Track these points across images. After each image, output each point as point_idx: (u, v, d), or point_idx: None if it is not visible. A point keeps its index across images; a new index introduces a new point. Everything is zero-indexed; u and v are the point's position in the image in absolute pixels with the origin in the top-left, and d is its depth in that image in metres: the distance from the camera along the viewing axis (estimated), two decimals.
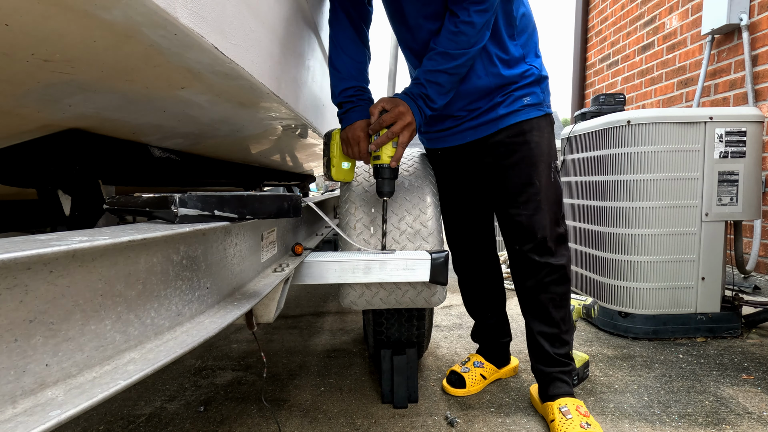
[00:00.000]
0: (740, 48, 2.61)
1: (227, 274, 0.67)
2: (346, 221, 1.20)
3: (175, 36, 0.54)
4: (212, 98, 0.81)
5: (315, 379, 1.57)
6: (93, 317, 0.41)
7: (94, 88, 0.63)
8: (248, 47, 0.73)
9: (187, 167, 1.22)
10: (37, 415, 0.33)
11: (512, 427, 1.25)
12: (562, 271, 1.24)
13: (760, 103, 2.48)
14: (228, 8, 0.65)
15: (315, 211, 1.14)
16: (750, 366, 1.60)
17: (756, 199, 1.83)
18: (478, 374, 1.46)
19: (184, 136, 1.03)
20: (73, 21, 0.45)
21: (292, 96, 1.06)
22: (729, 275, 2.45)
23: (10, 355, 0.33)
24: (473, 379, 1.44)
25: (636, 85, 3.70)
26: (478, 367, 1.48)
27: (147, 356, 0.45)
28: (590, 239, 2.08)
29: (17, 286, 0.34)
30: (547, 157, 1.22)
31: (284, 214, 0.71)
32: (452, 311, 2.33)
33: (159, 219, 0.62)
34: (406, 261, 1.06)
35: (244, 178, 1.81)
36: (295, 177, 2.72)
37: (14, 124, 0.67)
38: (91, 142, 0.81)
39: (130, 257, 0.46)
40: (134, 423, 1.32)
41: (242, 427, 1.28)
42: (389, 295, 1.17)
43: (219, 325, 0.56)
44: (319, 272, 1.05)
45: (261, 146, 1.46)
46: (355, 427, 1.26)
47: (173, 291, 0.53)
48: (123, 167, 0.94)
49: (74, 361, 0.39)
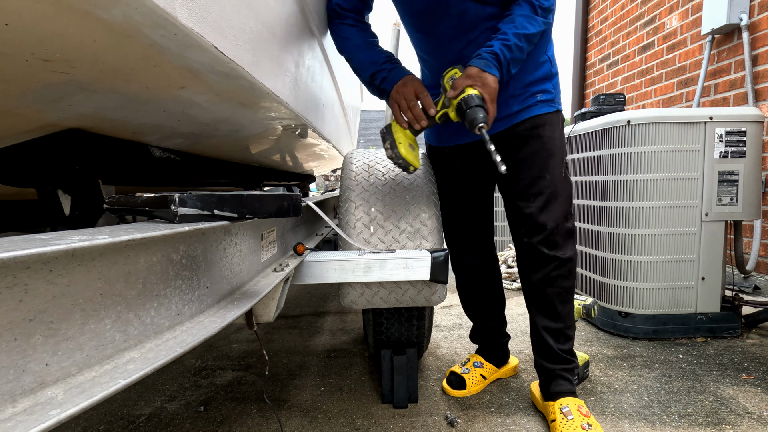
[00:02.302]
0: (740, 48, 2.60)
1: (227, 273, 0.67)
2: (346, 221, 1.20)
3: (175, 36, 0.54)
4: (212, 98, 0.81)
5: (315, 379, 1.57)
6: (93, 316, 0.41)
7: (94, 88, 0.63)
8: (248, 47, 0.73)
9: (187, 167, 1.22)
10: (36, 414, 0.33)
11: (512, 427, 1.25)
12: (569, 265, 1.24)
13: (760, 103, 2.48)
14: (228, 8, 0.65)
15: (315, 211, 1.14)
16: (750, 366, 1.60)
17: (756, 199, 1.83)
18: (478, 374, 1.46)
19: (184, 136, 1.03)
20: (73, 21, 0.46)
21: (292, 96, 1.06)
22: (729, 275, 2.45)
23: (9, 354, 0.33)
24: (473, 380, 1.44)
25: (636, 85, 3.70)
26: (478, 367, 1.48)
27: (147, 355, 0.45)
28: (590, 239, 2.08)
29: (17, 285, 0.34)
30: (559, 151, 1.22)
31: (284, 213, 0.71)
32: (452, 311, 2.33)
33: (159, 218, 0.62)
34: (406, 260, 1.06)
35: (244, 178, 1.81)
36: (295, 177, 2.72)
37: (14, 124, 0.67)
38: (91, 142, 0.81)
39: (129, 257, 0.46)
40: (134, 423, 1.32)
41: (242, 427, 1.28)
42: (389, 294, 1.17)
43: (219, 324, 0.56)
44: (319, 272, 1.05)
45: (261, 146, 1.46)
46: (355, 427, 1.26)
47: (173, 290, 0.53)
48: (123, 167, 0.94)
49: (74, 360, 0.39)
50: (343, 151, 2.63)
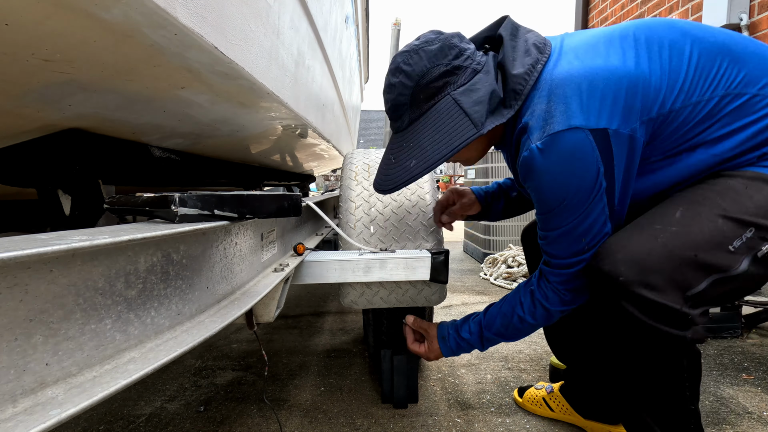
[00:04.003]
0: None
1: (227, 273, 0.67)
2: (346, 221, 1.20)
3: (175, 36, 0.54)
4: (212, 98, 0.81)
5: (315, 379, 1.57)
6: (93, 316, 0.41)
7: (94, 88, 0.63)
8: (248, 47, 0.73)
9: (187, 167, 1.22)
10: (37, 414, 0.33)
11: (512, 427, 1.25)
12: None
13: None
14: (228, 8, 0.65)
15: (315, 211, 1.14)
16: (750, 366, 1.60)
17: None
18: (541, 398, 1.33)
19: (184, 136, 1.03)
20: (73, 21, 0.46)
21: (292, 96, 1.06)
22: None
23: (10, 354, 0.33)
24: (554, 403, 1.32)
25: None
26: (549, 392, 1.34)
27: (147, 355, 0.45)
28: None
29: (17, 285, 0.34)
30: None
31: (284, 213, 0.71)
32: (452, 311, 2.33)
33: (159, 218, 0.62)
34: (406, 260, 1.06)
35: (244, 178, 1.81)
36: (295, 177, 2.72)
37: (14, 124, 0.67)
38: (91, 142, 0.81)
39: (130, 256, 0.46)
40: (134, 423, 1.32)
41: (242, 427, 1.28)
42: (390, 294, 1.17)
43: (219, 324, 0.56)
44: (320, 272, 1.05)
45: (261, 146, 1.46)
46: (355, 427, 1.25)
47: (173, 290, 0.53)
48: (123, 167, 0.94)
49: (74, 360, 0.39)
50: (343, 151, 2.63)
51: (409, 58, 0.86)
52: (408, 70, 0.85)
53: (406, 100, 0.87)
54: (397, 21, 3.71)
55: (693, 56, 0.80)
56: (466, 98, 0.84)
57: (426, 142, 0.86)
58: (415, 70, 0.85)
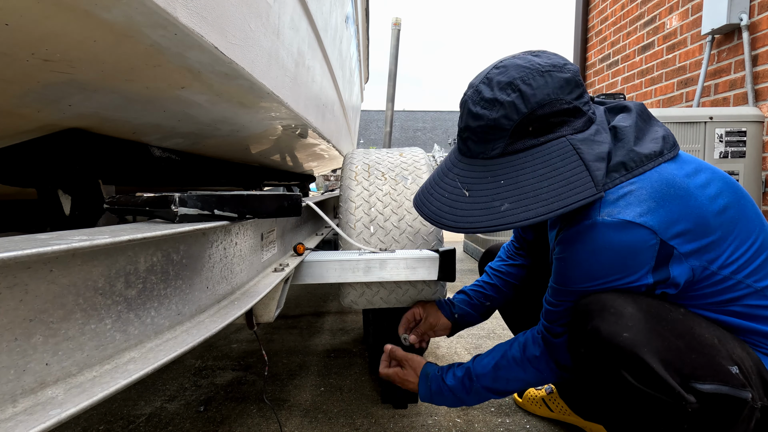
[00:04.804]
0: (740, 48, 2.60)
1: (227, 273, 0.67)
2: (346, 221, 1.20)
3: (175, 36, 0.54)
4: (212, 98, 0.81)
5: (315, 379, 1.57)
6: (93, 316, 0.41)
7: (94, 88, 0.63)
8: (248, 47, 0.74)
9: (187, 167, 1.22)
10: (37, 414, 0.33)
11: (512, 427, 1.25)
12: None
13: (760, 103, 2.48)
14: (228, 8, 0.65)
15: (315, 211, 1.14)
16: None
17: (756, 199, 1.83)
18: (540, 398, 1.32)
19: (184, 136, 1.03)
20: (73, 21, 0.46)
21: (292, 96, 1.06)
22: None
23: (10, 354, 0.33)
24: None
25: (636, 85, 3.70)
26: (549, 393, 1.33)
27: (147, 355, 0.45)
28: None
29: (17, 285, 0.34)
30: None
31: (284, 213, 0.71)
32: None
33: (159, 218, 0.62)
34: (407, 260, 1.06)
35: (244, 178, 1.81)
36: (295, 177, 2.72)
37: (14, 124, 0.67)
38: (91, 142, 0.81)
39: (130, 256, 0.46)
40: (134, 423, 1.32)
41: (242, 427, 1.28)
42: (390, 294, 1.17)
43: (219, 324, 0.56)
44: (320, 272, 1.05)
45: (261, 146, 1.46)
46: (355, 427, 1.26)
47: (173, 290, 0.53)
48: (123, 167, 0.94)
49: (74, 360, 0.39)
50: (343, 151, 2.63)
51: (531, 77, 0.71)
52: (527, 92, 0.70)
53: (509, 126, 0.71)
54: (397, 21, 3.71)
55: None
56: (588, 149, 0.70)
57: (527, 185, 0.70)
58: (537, 95, 0.70)
